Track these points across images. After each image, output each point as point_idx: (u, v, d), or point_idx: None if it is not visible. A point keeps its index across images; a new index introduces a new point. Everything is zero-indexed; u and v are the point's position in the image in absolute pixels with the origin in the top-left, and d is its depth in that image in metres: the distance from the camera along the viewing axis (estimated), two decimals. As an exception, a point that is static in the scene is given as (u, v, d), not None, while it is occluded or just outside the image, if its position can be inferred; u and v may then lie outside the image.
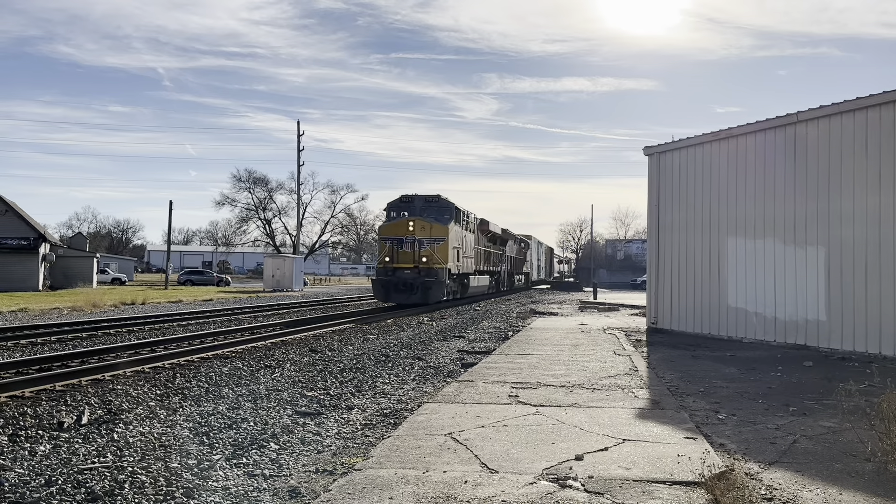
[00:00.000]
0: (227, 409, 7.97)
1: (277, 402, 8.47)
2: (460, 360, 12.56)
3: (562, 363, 11.63)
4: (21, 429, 6.83)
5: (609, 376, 10.21)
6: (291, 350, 13.60)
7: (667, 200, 18.22)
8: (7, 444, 6.28)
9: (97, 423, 7.18)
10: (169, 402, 8.41)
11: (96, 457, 5.90)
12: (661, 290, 18.42)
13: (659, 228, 18.46)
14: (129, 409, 7.90)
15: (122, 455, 5.96)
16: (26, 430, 6.81)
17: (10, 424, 6.97)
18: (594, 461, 5.55)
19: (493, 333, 18.39)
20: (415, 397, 8.87)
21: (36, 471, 5.49)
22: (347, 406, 8.30)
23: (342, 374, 10.80)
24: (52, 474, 5.38)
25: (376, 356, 13.01)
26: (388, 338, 16.63)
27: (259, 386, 9.56)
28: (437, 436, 6.41)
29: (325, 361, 12.20)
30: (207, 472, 5.50)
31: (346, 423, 7.37)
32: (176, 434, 6.73)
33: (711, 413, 7.84)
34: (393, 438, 6.37)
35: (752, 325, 15.67)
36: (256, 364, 11.60)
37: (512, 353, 13.26)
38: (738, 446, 6.31)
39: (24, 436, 6.58)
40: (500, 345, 15.05)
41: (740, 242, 16.05)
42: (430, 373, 11.09)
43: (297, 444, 6.46)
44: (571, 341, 15.46)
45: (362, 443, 6.51)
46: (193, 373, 10.40)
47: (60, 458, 5.85)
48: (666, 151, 18.37)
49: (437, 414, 7.45)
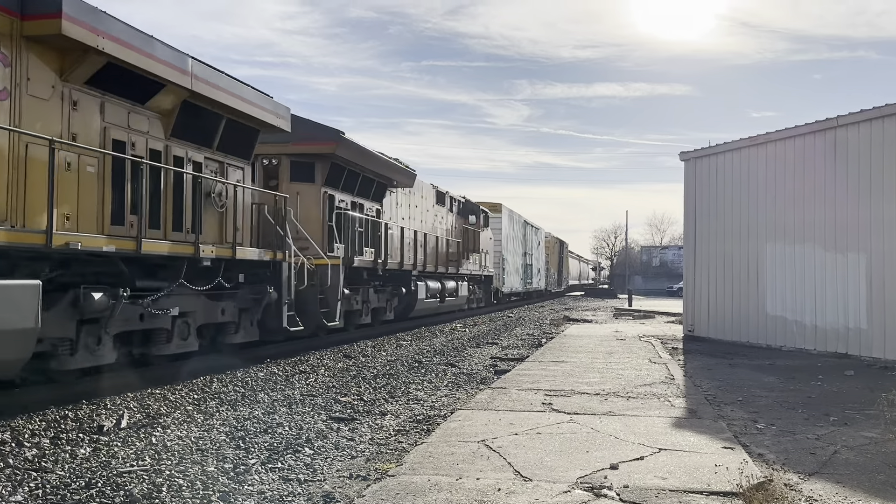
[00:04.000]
0: (263, 413, 8.05)
1: (312, 407, 8.52)
2: (493, 367, 12.52)
3: (596, 371, 11.54)
4: (62, 432, 6.97)
5: (645, 384, 10.10)
6: (326, 355, 13.69)
7: (703, 206, 18.00)
8: (49, 447, 6.41)
9: (136, 426, 7.30)
10: (206, 406, 8.52)
11: (135, 460, 6.00)
12: (697, 298, 18.18)
13: (695, 234, 18.23)
14: (167, 413, 8.01)
15: (160, 459, 6.05)
16: (67, 433, 6.94)
17: (51, 427, 7.12)
18: (629, 470, 5.49)
19: (526, 340, 18.31)
20: (448, 404, 8.87)
21: (76, 473, 5.59)
22: (381, 412, 8.32)
23: (375, 379, 10.84)
24: (91, 477, 5.47)
25: (409, 362, 13.03)
26: (421, 344, 16.65)
27: (294, 391, 9.64)
28: (470, 443, 6.40)
29: (359, 367, 12.25)
30: (243, 476, 5.56)
31: (379, 429, 7.39)
32: (213, 438, 6.81)
33: (750, 422, 7.71)
34: (426, 445, 6.38)
35: (791, 333, 15.38)
36: (291, 369, 11.70)
37: (545, 360, 13.19)
38: (778, 456, 6.20)
39: (65, 439, 6.71)
40: (534, 352, 14.98)
41: (779, 249, 15.78)
42: (462, 379, 11.08)
43: (332, 450, 6.49)
44: (606, 349, 15.33)
45: (395, 449, 6.52)
46: (230, 377, 10.53)
47: (100, 461, 5.95)
48: (702, 157, 18.16)
49: (470, 421, 7.44)
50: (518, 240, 40.43)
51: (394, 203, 20.52)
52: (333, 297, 14.79)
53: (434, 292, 23.17)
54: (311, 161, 15.75)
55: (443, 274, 24.52)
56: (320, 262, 14.51)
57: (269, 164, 15.65)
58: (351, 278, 16.34)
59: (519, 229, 40.86)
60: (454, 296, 25.76)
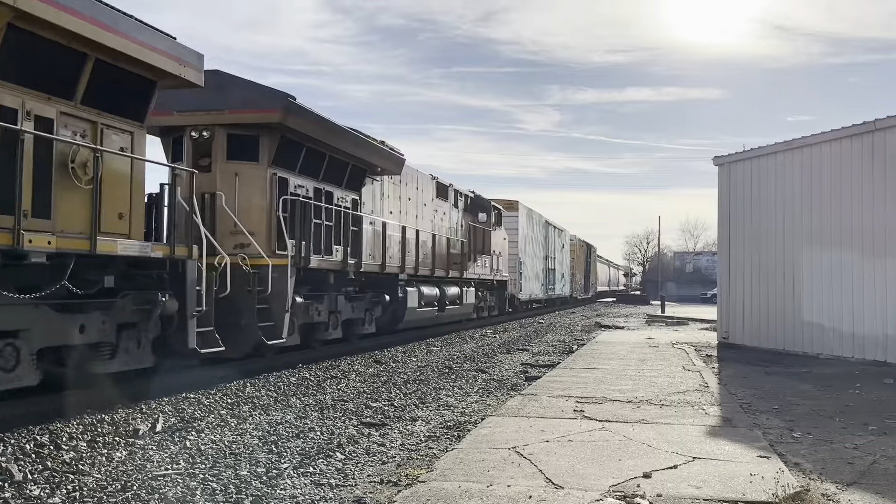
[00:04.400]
0: (295, 418, 8.11)
1: (343, 412, 8.57)
2: (524, 374, 12.48)
3: (628, 378, 11.43)
4: (99, 435, 7.09)
5: (678, 392, 9.98)
6: (356, 361, 13.75)
7: (738, 211, 17.76)
8: (86, 450, 6.52)
9: (171, 430, 7.40)
10: (239, 410, 8.61)
11: (170, 463, 6.08)
12: (732, 304, 17.93)
13: (730, 240, 17.99)
14: (202, 417, 8.11)
15: (194, 462, 6.12)
16: (104, 436, 7.06)
17: (88, 431, 7.24)
18: (663, 479, 5.43)
19: (557, 346, 18.21)
20: (478, 410, 8.85)
21: (113, 476, 5.68)
22: (411, 417, 8.33)
23: (406, 385, 10.86)
24: (127, 480, 5.56)
25: (440, 368, 13.04)
26: (452, 350, 16.65)
27: (325, 396, 9.70)
28: (500, 449, 6.38)
29: (390, 373, 12.29)
30: (276, 480, 5.60)
31: (410, 435, 7.40)
32: (246, 442, 6.88)
33: (786, 431, 7.58)
34: (457, 451, 6.37)
35: (828, 340, 15.09)
36: (323, 374, 11.77)
37: (577, 366, 13.10)
38: (814, 466, 6.08)
39: (101, 442, 6.83)
40: (565, 358, 14.90)
41: (815, 255, 15.51)
42: (493, 385, 11.05)
43: (363, 455, 6.52)
44: (638, 356, 15.19)
45: (426, 455, 6.53)
46: (263, 382, 10.62)
47: (136, 464, 6.04)
48: (736, 161, 17.93)
49: (500, 427, 7.41)
50: (538, 242, 36.57)
51: (376, 193, 16.96)
52: (279, 306, 11.90)
53: (431, 299, 19.73)
54: (255, 134, 12.34)
55: (442, 278, 20.93)
56: (258, 262, 11.56)
57: (199, 138, 12.20)
58: (314, 283, 13.83)
59: (539, 230, 37.01)
60: (458, 303, 22.31)
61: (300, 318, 13.06)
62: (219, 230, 11.39)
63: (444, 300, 20.84)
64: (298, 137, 12.91)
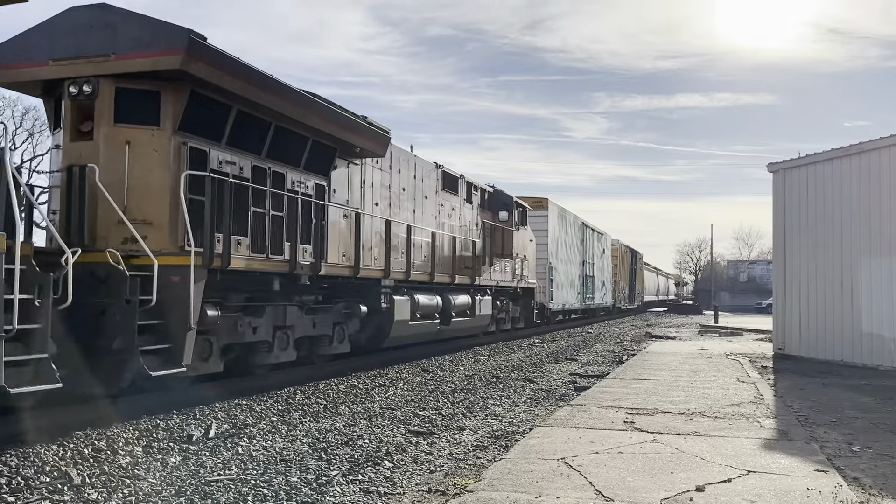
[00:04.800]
0: (344, 425, 8.18)
1: (391, 420, 8.61)
2: (572, 384, 12.36)
3: (681, 389, 11.24)
4: (154, 440, 7.26)
5: (732, 404, 9.77)
6: (404, 369, 13.81)
7: (793, 219, 17.34)
8: (142, 455, 6.68)
9: (223, 436, 7.53)
10: (289, 417, 8.72)
11: (222, 469, 6.19)
12: (788, 314, 17.49)
13: (785, 248, 17.57)
14: (253, 423, 8.24)
15: (245, 468, 6.22)
16: (159, 441, 7.22)
17: (144, 436, 7.42)
18: (716, 493, 5.32)
19: (606, 357, 18.00)
20: (526, 420, 8.80)
21: (167, 481, 5.81)
22: (459, 427, 8.33)
23: (453, 394, 10.86)
24: (181, 485, 5.68)
25: (487, 377, 13.01)
26: (499, 359, 16.60)
27: (374, 404, 9.76)
28: (549, 460, 6.32)
29: (437, 381, 12.31)
30: (325, 487, 5.65)
31: (457, 444, 7.40)
32: (296, 449, 6.97)
33: (844, 445, 7.35)
34: (505, 461, 6.34)
35: (889, 351, 14.60)
36: (371, 383, 11.85)
37: (627, 377, 12.93)
38: (874, 481, 5.88)
39: (156, 447, 6.99)
40: (615, 369, 14.72)
41: (875, 263, 15.03)
42: (541, 395, 10.97)
43: (410, 463, 6.53)
44: (691, 367, 14.92)
45: (474, 464, 6.51)
46: (312, 389, 10.75)
47: (189, 470, 6.16)
48: (792, 168, 17.52)
49: (549, 438, 7.36)
50: (573, 246, 33.14)
51: (354, 180, 13.68)
52: (178, 322, 8.71)
53: (429, 310, 16.40)
54: (154, 89, 9.21)
55: (446, 286, 17.48)
56: (141, 261, 8.52)
57: (79, 95, 9.02)
58: (253, 291, 10.70)
59: (574, 233, 33.58)
60: (469, 314, 18.90)
61: (223, 337, 9.86)
62: (101, 218, 8.78)
63: (448, 311, 17.45)
64: (223, 96, 9.74)
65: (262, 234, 10.61)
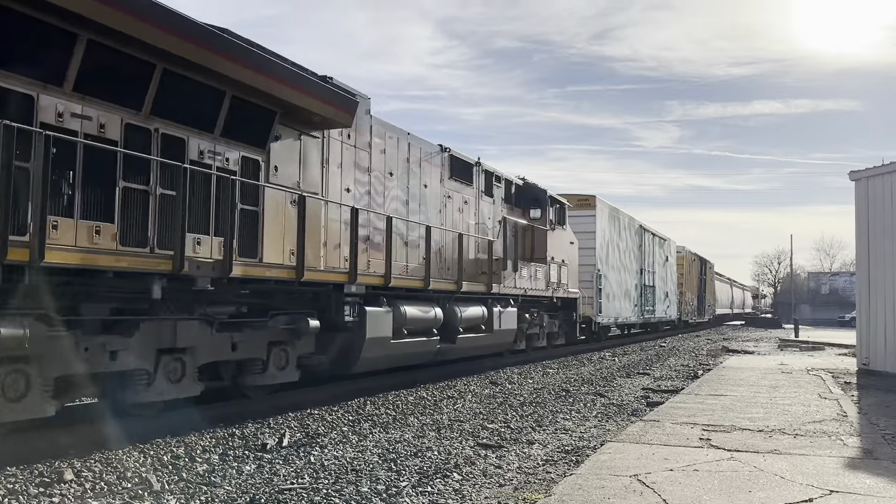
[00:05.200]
0: (413, 437, 8.21)
1: (460, 432, 8.60)
2: (645, 399, 12.10)
3: (759, 405, 10.86)
4: (230, 448, 7.44)
5: (814, 421, 9.38)
6: (472, 381, 13.79)
7: (878, 228, 16.60)
8: (218, 463, 6.86)
9: (296, 445, 7.67)
10: (360, 427, 8.82)
11: (295, 478, 6.29)
12: (872, 328, 16.72)
13: (870, 259, 16.83)
14: (325, 433, 8.36)
15: (318, 477, 6.31)
16: (234, 450, 7.40)
17: (220, 444, 7.61)
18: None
19: (680, 371, 17.56)
20: (597, 435, 8.66)
21: (242, 489, 5.94)
22: (528, 440, 8.25)
23: (522, 407, 10.77)
24: (255, 493, 5.80)
25: (556, 391, 12.86)
26: (569, 372, 16.40)
27: (442, 416, 9.77)
28: (621, 477, 6.20)
29: (505, 394, 12.24)
30: (395, 498, 5.68)
31: (527, 458, 7.33)
32: (366, 459, 7.03)
33: (938, 468, 6.95)
34: (575, 476, 6.24)
35: None
36: (440, 394, 11.87)
37: (702, 392, 12.59)
38: (973, 507, 5.54)
39: (232, 455, 7.16)
40: (689, 384, 14.34)
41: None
42: (612, 410, 10.78)
43: (479, 476, 6.51)
44: (770, 382, 14.42)
45: (543, 479, 6.44)
46: (382, 400, 10.84)
47: (263, 478, 6.29)
48: (875, 176, 16.80)
49: (621, 454, 7.21)
50: (628, 251, 29.52)
51: (310, 157, 10.66)
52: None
53: (423, 325, 13.11)
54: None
55: (449, 294, 14.24)
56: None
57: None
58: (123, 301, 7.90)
59: (630, 237, 29.91)
60: (484, 330, 15.65)
61: (52, 367, 6.90)
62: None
63: (452, 326, 14.25)
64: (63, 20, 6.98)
65: (140, 219, 7.84)
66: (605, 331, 27.06)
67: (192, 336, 8.51)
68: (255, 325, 9.57)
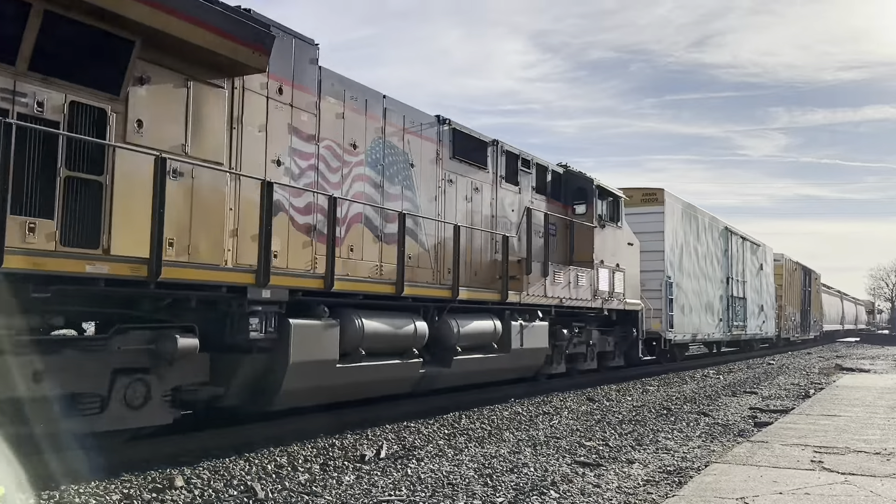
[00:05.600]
0: (509, 452, 8.16)
1: (556, 449, 8.48)
2: (752, 418, 11.58)
3: (876, 427, 10.23)
4: (330, 459, 7.61)
5: (938, 446, 8.75)
6: (569, 397, 13.59)
7: None
8: (319, 473, 7.03)
9: (393, 457, 7.76)
10: (455, 441, 8.84)
11: (392, 490, 6.37)
12: None
13: None
14: (421, 446, 8.43)
15: (414, 490, 6.36)
16: (334, 460, 7.57)
17: (321, 454, 7.80)
18: (922, 546, 4.76)
19: (790, 390, 16.74)
20: (701, 455, 8.35)
21: (342, 499, 6.06)
22: (627, 459, 8.05)
23: (621, 425, 10.53)
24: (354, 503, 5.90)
25: (657, 409, 12.50)
26: (670, 390, 15.91)
27: (538, 432, 9.67)
28: (727, 499, 5.95)
29: (603, 411, 11.99)
30: (490, 514, 5.65)
31: (626, 478, 7.15)
32: (462, 473, 7.04)
33: None
34: (677, 498, 6.04)
35: None
36: (535, 410, 11.76)
37: (814, 412, 11.96)
38: None
39: (332, 466, 7.32)
40: (800, 403, 13.66)
41: None
42: (717, 430, 10.38)
43: (577, 495, 6.39)
44: (887, 402, 13.55)
45: (644, 500, 6.26)
46: (477, 415, 10.83)
47: (362, 489, 6.40)
48: None
49: (727, 475, 6.93)
50: (710, 255, 25.14)
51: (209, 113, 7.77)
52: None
53: (396, 343, 9.98)
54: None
55: (443, 302, 10.95)
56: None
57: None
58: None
59: (711, 240, 25.42)
60: (496, 350, 12.28)
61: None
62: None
63: (446, 344, 11.07)
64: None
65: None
66: (681, 350, 23.45)
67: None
68: (87, 344, 6.80)
